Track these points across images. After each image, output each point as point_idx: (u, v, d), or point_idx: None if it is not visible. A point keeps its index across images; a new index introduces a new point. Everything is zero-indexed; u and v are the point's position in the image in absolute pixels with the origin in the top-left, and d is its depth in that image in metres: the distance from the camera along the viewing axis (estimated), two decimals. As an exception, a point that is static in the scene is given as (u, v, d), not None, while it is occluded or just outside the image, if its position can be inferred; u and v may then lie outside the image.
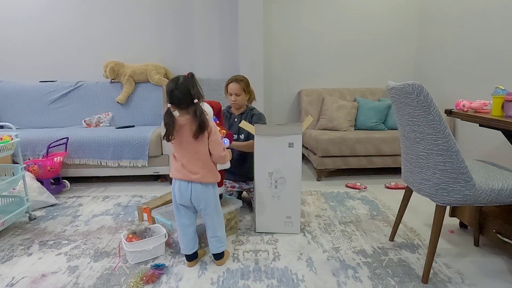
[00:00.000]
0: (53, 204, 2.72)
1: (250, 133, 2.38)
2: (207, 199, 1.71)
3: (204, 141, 1.66)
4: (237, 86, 2.45)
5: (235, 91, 2.46)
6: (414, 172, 1.73)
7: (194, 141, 1.64)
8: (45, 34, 3.75)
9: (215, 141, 1.69)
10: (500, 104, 1.82)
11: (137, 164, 3.09)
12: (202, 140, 1.65)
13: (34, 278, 1.74)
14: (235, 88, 2.46)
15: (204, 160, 1.69)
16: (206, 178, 1.69)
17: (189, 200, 1.70)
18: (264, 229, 2.19)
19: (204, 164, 1.69)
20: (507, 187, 1.54)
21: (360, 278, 1.70)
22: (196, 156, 1.67)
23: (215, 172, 1.75)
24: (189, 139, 1.64)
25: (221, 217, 1.82)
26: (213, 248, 1.80)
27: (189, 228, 1.78)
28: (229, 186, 2.57)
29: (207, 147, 1.69)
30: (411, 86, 1.49)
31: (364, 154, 3.19)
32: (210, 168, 1.71)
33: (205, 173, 1.68)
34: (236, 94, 2.46)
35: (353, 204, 2.67)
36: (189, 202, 1.71)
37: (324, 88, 3.85)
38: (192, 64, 3.87)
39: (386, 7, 3.83)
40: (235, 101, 2.48)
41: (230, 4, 3.74)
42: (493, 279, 1.69)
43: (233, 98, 2.48)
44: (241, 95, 2.47)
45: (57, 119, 3.60)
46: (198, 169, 1.67)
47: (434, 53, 3.58)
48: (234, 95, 2.47)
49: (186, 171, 1.68)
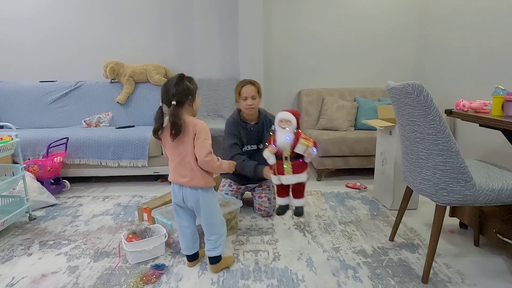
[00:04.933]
0: (53, 204, 2.72)
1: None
2: (197, 203, 1.67)
3: (191, 144, 1.60)
4: (253, 89, 2.31)
5: (252, 94, 2.30)
6: (414, 172, 1.73)
7: (181, 143, 1.60)
8: (45, 34, 3.75)
9: (199, 144, 1.59)
10: (500, 104, 1.82)
11: (137, 164, 3.09)
12: (188, 142, 1.60)
13: (34, 278, 1.74)
14: (251, 90, 2.30)
15: (192, 164, 1.62)
16: (195, 182, 1.63)
17: (182, 202, 1.70)
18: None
19: (193, 167, 1.63)
20: (507, 187, 1.54)
21: (360, 278, 1.70)
22: (186, 159, 1.62)
23: (206, 176, 1.66)
24: (176, 141, 1.60)
25: (215, 221, 1.74)
26: (206, 250, 1.77)
27: (187, 230, 1.77)
28: (235, 187, 2.53)
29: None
30: (411, 86, 1.49)
31: (364, 154, 3.19)
32: (199, 172, 1.64)
33: (194, 177, 1.63)
34: (252, 97, 2.31)
35: (353, 204, 2.67)
36: (182, 203, 1.71)
37: (324, 88, 3.85)
38: (192, 64, 3.87)
39: (386, 7, 3.83)
40: (251, 105, 2.31)
41: (230, 4, 3.74)
42: (493, 279, 1.69)
43: (250, 102, 2.31)
44: (257, 98, 2.34)
45: (57, 119, 3.59)
46: (186, 172, 1.63)
47: (434, 53, 3.58)
48: (251, 99, 2.30)
49: (176, 174, 1.66)
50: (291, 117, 1.94)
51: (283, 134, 1.94)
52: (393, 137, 2.46)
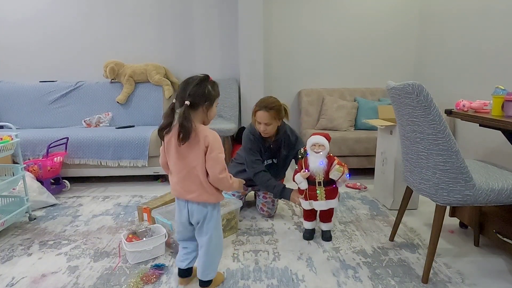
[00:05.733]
0: (53, 204, 2.72)
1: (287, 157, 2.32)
2: (203, 219, 1.52)
3: (200, 156, 1.44)
4: (266, 116, 2.11)
5: (265, 121, 2.13)
6: (414, 172, 1.73)
7: (190, 154, 1.44)
8: (45, 34, 3.75)
9: (213, 159, 1.42)
10: (500, 104, 1.82)
11: (137, 164, 3.09)
12: (198, 154, 1.43)
13: (34, 278, 1.74)
14: (265, 117, 2.12)
15: (201, 178, 1.46)
16: (204, 197, 1.48)
17: (187, 219, 1.54)
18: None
19: (202, 181, 1.46)
20: (507, 187, 1.54)
21: (360, 278, 1.70)
22: (194, 172, 1.45)
23: (215, 192, 1.50)
24: (183, 150, 1.44)
25: (218, 241, 1.57)
26: (199, 272, 1.58)
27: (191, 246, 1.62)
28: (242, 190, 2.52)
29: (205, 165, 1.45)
30: (411, 86, 1.49)
31: (364, 154, 3.19)
32: (209, 187, 1.48)
33: (203, 192, 1.47)
34: (265, 124, 2.14)
35: (353, 204, 2.67)
36: (187, 222, 1.55)
37: (324, 88, 3.85)
38: (192, 64, 3.87)
39: (386, 7, 3.83)
40: (265, 131, 2.16)
41: (230, 4, 3.74)
42: (493, 279, 1.69)
43: (263, 128, 2.15)
44: (272, 124, 2.15)
45: (57, 119, 3.59)
46: (194, 187, 1.47)
47: (434, 53, 3.58)
48: (264, 125, 2.14)
49: (181, 189, 1.49)
50: (324, 142, 1.94)
51: (316, 158, 1.94)
52: (393, 137, 2.46)
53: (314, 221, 2.11)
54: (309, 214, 2.09)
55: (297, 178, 2.00)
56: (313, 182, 1.97)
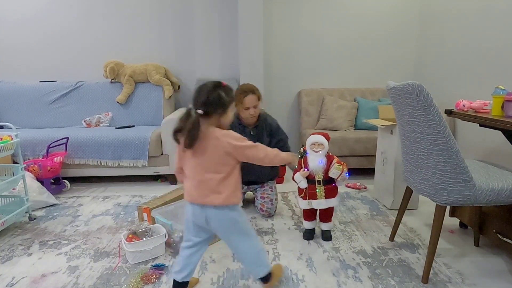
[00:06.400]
0: (53, 204, 2.72)
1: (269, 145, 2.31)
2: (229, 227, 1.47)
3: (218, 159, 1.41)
4: (255, 98, 2.26)
5: (254, 104, 2.26)
6: (414, 172, 1.73)
7: (206, 158, 1.41)
8: (45, 34, 3.75)
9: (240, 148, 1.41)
10: (500, 104, 1.82)
11: (137, 164, 3.09)
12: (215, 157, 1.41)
13: (34, 278, 1.74)
14: (254, 100, 2.25)
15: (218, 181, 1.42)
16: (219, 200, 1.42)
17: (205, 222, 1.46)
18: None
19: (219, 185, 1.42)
20: (507, 187, 1.54)
21: (360, 278, 1.70)
22: (210, 175, 1.41)
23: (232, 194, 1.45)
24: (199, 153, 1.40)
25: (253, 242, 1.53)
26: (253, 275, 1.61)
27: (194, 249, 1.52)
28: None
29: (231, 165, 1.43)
30: (411, 86, 1.49)
31: (364, 154, 3.19)
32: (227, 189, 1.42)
33: (219, 195, 1.41)
34: (254, 107, 2.27)
35: (353, 204, 2.67)
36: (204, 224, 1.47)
37: (324, 88, 3.85)
38: (192, 64, 3.87)
39: (386, 7, 3.83)
40: (254, 114, 2.28)
41: (230, 4, 3.74)
42: (493, 279, 1.69)
43: (252, 112, 2.27)
44: (258, 106, 2.30)
45: (57, 119, 3.59)
46: (211, 190, 1.41)
47: (434, 53, 3.58)
48: (253, 108, 2.26)
49: (197, 194, 1.43)
50: (323, 140, 1.95)
51: (316, 157, 1.95)
52: (394, 137, 2.46)
53: (314, 221, 2.12)
54: (309, 214, 2.09)
55: (296, 177, 2.01)
56: (313, 181, 1.98)
